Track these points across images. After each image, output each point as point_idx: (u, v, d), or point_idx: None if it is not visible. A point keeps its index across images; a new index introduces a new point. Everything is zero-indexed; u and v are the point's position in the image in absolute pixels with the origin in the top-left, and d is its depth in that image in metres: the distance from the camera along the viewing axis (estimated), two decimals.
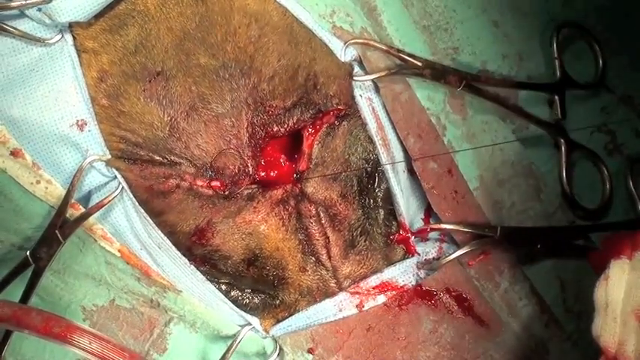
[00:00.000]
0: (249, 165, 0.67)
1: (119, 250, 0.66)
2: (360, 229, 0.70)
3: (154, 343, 0.68)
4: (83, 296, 0.66)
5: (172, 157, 0.65)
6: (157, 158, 0.65)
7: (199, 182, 0.66)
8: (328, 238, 0.69)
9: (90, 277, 0.66)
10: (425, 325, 0.71)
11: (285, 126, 0.67)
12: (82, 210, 0.63)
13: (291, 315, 0.69)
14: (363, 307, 0.70)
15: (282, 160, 0.71)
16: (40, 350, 0.67)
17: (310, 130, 0.69)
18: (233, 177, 0.67)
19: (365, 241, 0.70)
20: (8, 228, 0.63)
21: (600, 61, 0.75)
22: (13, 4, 0.59)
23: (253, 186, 0.68)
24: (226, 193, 0.67)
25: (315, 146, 0.69)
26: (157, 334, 0.68)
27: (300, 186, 0.69)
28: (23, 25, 0.61)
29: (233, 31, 0.64)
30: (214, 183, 0.67)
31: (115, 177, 0.64)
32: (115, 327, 0.67)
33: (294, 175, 0.70)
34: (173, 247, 0.65)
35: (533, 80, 0.75)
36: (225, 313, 0.69)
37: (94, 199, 0.65)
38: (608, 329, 0.59)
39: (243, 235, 0.68)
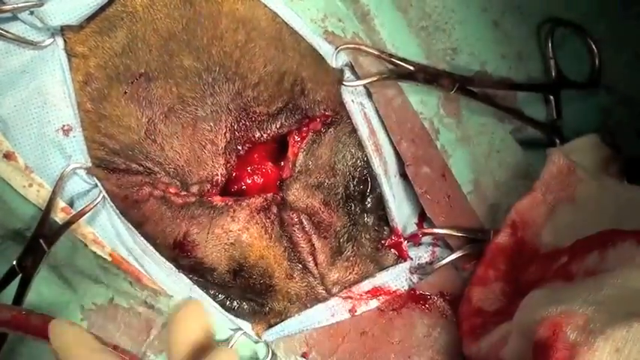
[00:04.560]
0: (218, 173, 0.66)
1: (110, 255, 0.65)
2: (346, 235, 0.69)
3: (151, 345, 0.68)
4: (84, 293, 0.66)
5: (148, 164, 0.65)
6: (134, 166, 0.65)
7: (172, 190, 0.66)
8: (314, 245, 0.68)
9: (88, 275, 0.66)
10: (419, 329, 0.70)
11: (268, 132, 0.67)
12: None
13: (282, 321, 0.68)
14: (356, 311, 0.69)
15: (268, 168, 0.70)
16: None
17: (296, 137, 0.68)
18: (202, 185, 0.66)
19: (353, 248, 0.69)
20: (6, 228, 0.64)
21: (596, 61, 0.74)
22: (5, 7, 0.59)
23: (228, 197, 0.67)
24: (195, 201, 0.66)
25: (300, 154, 0.68)
26: (153, 336, 0.68)
27: (281, 194, 0.68)
28: (15, 28, 0.61)
29: (220, 36, 0.64)
30: (183, 192, 0.66)
31: (96, 185, 0.64)
32: (113, 328, 0.67)
33: (278, 183, 0.69)
34: (157, 254, 0.64)
35: (532, 80, 0.74)
36: (216, 317, 0.68)
37: (77, 207, 0.64)
38: None
39: (226, 246, 0.67)
